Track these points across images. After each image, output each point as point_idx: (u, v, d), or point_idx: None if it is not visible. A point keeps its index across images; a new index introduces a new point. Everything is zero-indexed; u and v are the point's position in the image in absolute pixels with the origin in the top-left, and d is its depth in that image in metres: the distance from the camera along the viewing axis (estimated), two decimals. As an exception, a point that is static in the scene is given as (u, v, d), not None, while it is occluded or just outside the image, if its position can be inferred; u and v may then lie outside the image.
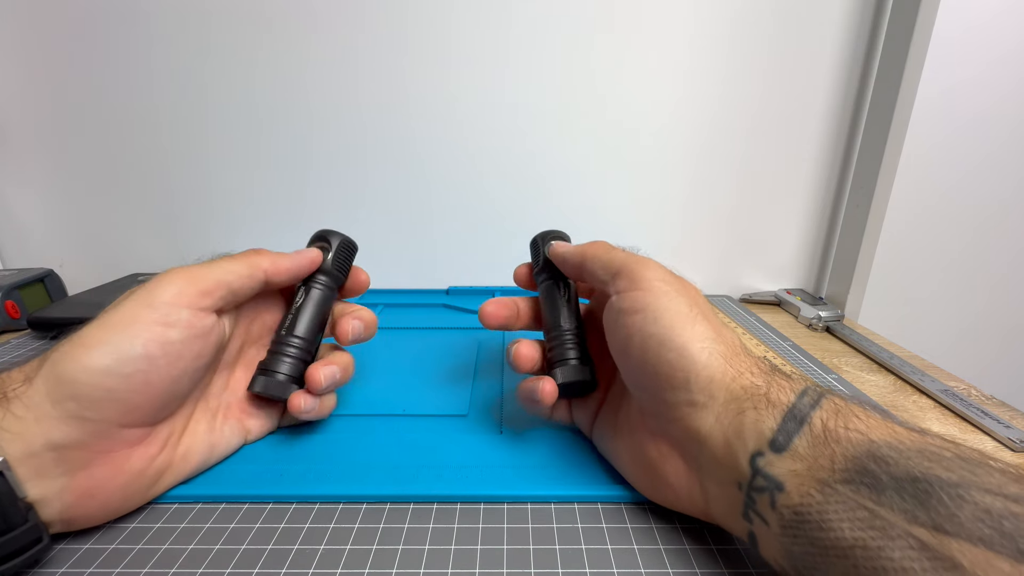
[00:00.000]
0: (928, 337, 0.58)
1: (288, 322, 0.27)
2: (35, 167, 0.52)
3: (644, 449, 0.23)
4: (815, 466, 0.17)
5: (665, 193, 0.54)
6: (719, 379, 0.20)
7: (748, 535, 0.19)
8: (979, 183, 0.53)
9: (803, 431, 0.18)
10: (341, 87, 0.50)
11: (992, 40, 0.48)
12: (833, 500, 0.16)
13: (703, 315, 0.22)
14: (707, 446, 0.20)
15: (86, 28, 0.48)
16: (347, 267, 0.30)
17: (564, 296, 0.29)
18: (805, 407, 0.18)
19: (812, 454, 0.17)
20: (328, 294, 0.29)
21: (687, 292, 0.23)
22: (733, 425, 0.19)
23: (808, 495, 0.16)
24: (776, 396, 0.19)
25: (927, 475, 0.15)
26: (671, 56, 0.49)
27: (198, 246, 0.54)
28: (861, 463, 0.16)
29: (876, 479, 0.15)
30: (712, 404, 0.20)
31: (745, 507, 0.19)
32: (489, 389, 0.34)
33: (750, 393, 0.20)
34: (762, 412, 0.19)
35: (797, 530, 0.16)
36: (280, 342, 0.27)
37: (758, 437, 0.18)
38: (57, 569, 0.20)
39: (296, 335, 0.27)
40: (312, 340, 0.28)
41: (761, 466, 0.18)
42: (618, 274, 0.24)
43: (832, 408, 0.18)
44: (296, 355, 0.27)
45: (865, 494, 0.15)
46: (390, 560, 0.21)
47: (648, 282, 0.23)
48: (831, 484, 0.16)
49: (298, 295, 0.28)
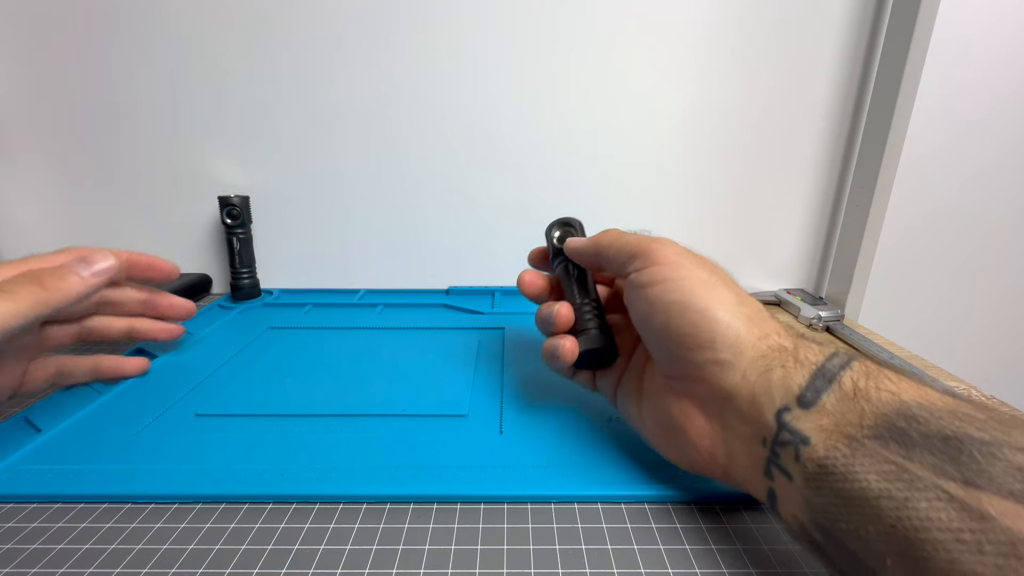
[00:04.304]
0: (928, 337, 0.58)
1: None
2: (35, 167, 0.52)
3: (668, 411, 0.23)
4: (843, 422, 0.17)
5: (665, 193, 0.54)
6: (745, 337, 0.21)
7: (767, 493, 0.19)
8: (979, 183, 0.53)
9: (832, 388, 0.18)
10: (341, 87, 0.50)
11: (992, 41, 0.48)
12: (860, 453, 0.16)
13: (723, 282, 0.23)
14: (733, 403, 0.20)
15: (86, 28, 0.48)
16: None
17: (575, 274, 0.30)
18: (835, 367, 0.19)
19: (840, 410, 0.17)
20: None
21: (704, 264, 0.24)
22: (760, 382, 0.20)
23: (835, 448, 0.17)
24: (804, 356, 0.19)
25: (958, 433, 0.15)
26: (672, 58, 0.49)
27: (199, 246, 0.55)
28: (891, 420, 0.16)
29: (906, 436, 0.16)
30: (739, 361, 0.20)
31: (768, 463, 0.19)
32: (489, 389, 0.34)
33: (777, 352, 0.20)
34: (790, 370, 0.19)
35: (821, 482, 0.17)
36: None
37: (785, 393, 0.19)
38: (56, 569, 0.20)
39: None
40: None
41: (787, 420, 0.18)
42: (634, 255, 0.25)
43: (863, 370, 0.18)
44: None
45: (894, 449, 0.16)
46: (390, 560, 0.21)
47: (665, 256, 0.23)
48: (859, 439, 0.16)
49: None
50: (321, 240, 0.54)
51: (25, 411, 0.31)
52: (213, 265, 0.55)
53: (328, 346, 0.41)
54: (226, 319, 0.47)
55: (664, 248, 0.24)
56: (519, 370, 0.37)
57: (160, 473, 0.25)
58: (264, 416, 0.31)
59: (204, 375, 0.36)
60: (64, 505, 0.24)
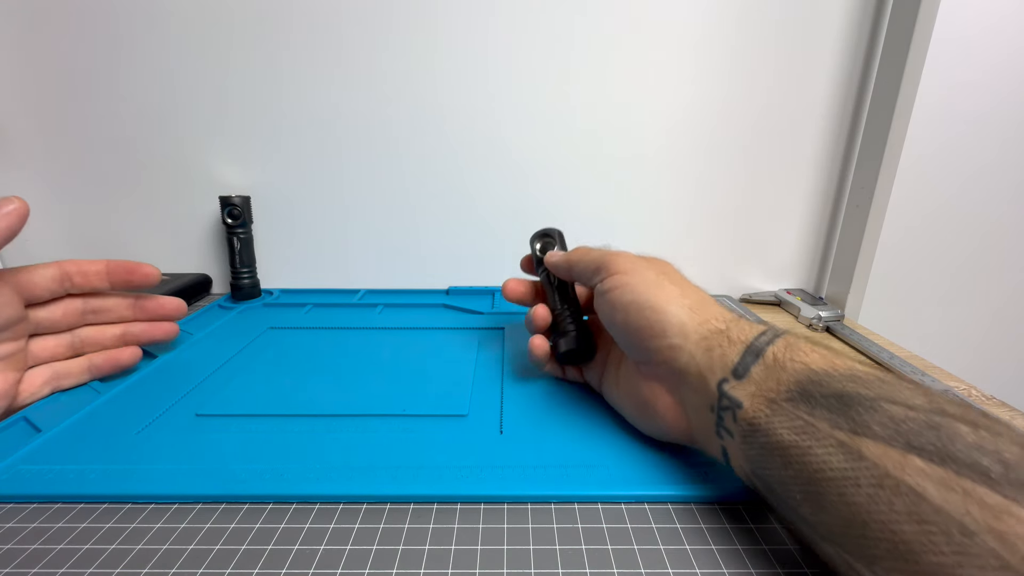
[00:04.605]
0: (928, 337, 0.58)
1: None
2: (35, 167, 0.52)
3: (640, 392, 0.27)
4: (765, 388, 0.21)
5: (665, 193, 0.54)
6: (688, 323, 0.25)
7: (721, 451, 0.23)
8: (980, 183, 0.53)
9: (759, 362, 0.22)
10: (341, 87, 0.50)
11: (992, 42, 0.48)
12: (777, 413, 0.20)
13: (668, 279, 0.27)
14: (686, 378, 0.24)
15: (86, 28, 0.48)
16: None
17: (555, 281, 0.35)
18: (762, 343, 0.22)
19: (764, 378, 0.21)
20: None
21: (654, 266, 0.28)
22: (704, 359, 0.24)
23: (759, 409, 0.20)
24: (737, 336, 0.23)
25: (850, 392, 0.19)
26: (672, 58, 0.49)
27: (199, 246, 0.55)
28: (801, 384, 0.20)
29: (811, 396, 0.19)
30: (686, 344, 0.24)
31: (716, 425, 0.23)
32: (489, 389, 0.34)
33: (715, 334, 0.24)
34: (726, 348, 0.23)
35: (752, 438, 0.21)
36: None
37: (723, 367, 0.23)
38: (56, 570, 0.20)
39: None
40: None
41: (726, 390, 0.22)
42: (598, 268, 0.30)
43: (784, 344, 0.22)
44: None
45: (802, 408, 0.19)
46: (390, 560, 0.21)
47: (621, 265, 0.28)
48: (777, 401, 0.20)
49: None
50: (321, 240, 0.54)
51: (25, 411, 0.31)
52: (213, 265, 0.55)
53: (328, 346, 0.41)
54: (226, 319, 0.47)
55: (619, 258, 0.29)
56: (519, 370, 0.37)
57: (160, 473, 0.25)
58: (264, 416, 0.31)
59: (204, 375, 0.36)
60: (64, 505, 0.24)
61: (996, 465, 0.15)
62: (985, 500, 0.14)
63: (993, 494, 0.14)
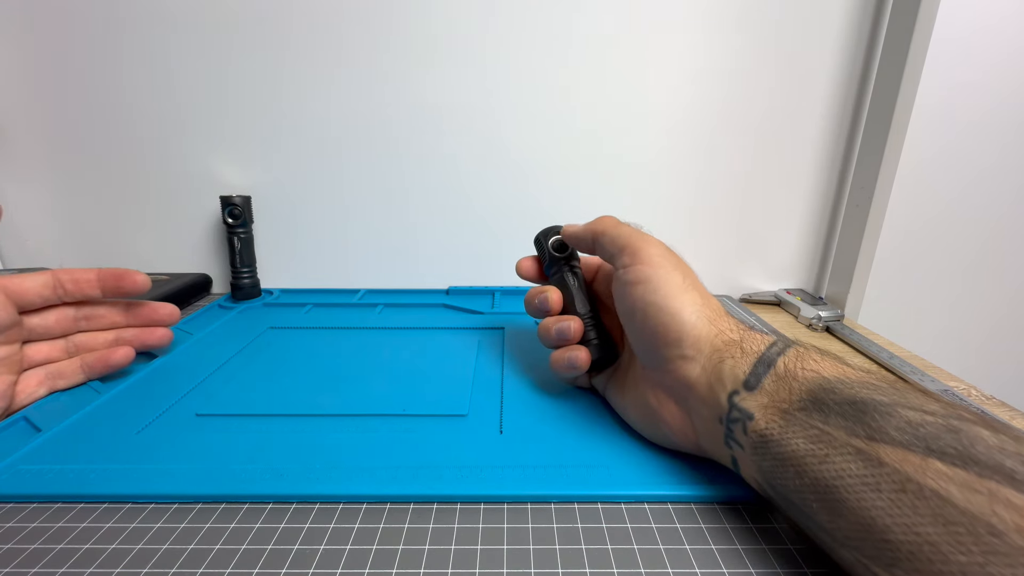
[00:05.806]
0: (928, 337, 0.58)
1: None
2: (35, 167, 0.52)
3: (646, 399, 0.27)
4: (777, 399, 0.21)
5: (665, 193, 0.54)
6: (705, 336, 0.24)
7: (731, 460, 0.23)
8: (980, 183, 0.53)
9: (770, 373, 0.22)
10: (341, 87, 0.50)
11: (993, 43, 0.48)
12: (791, 423, 0.20)
13: (693, 286, 0.26)
14: (695, 391, 0.24)
15: (86, 28, 0.48)
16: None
17: (575, 284, 0.33)
18: (773, 354, 0.22)
19: (776, 389, 0.21)
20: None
21: (680, 267, 0.27)
22: (715, 372, 0.23)
23: (772, 420, 0.20)
24: (749, 347, 0.23)
25: (864, 398, 0.19)
26: (673, 58, 0.49)
27: (199, 245, 0.55)
28: (814, 393, 0.20)
29: (824, 405, 0.19)
30: (699, 357, 0.24)
31: (725, 436, 0.22)
32: (489, 389, 0.34)
33: (728, 345, 0.24)
34: (738, 360, 0.23)
35: (763, 449, 0.20)
36: None
37: (734, 380, 0.22)
38: (56, 569, 0.20)
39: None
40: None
41: (736, 402, 0.22)
42: (623, 249, 0.28)
43: (795, 354, 0.22)
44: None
45: (816, 417, 0.19)
46: (390, 560, 0.21)
47: (649, 257, 0.27)
48: (790, 412, 0.20)
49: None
50: (321, 240, 0.54)
51: (25, 411, 0.31)
52: (213, 265, 0.55)
53: (328, 346, 0.41)
54: (226, 319, 0.47)
55: (650, 248, 0.27)
56: (519, 370, 0.37)
57: (160, 473, 0.25)
58: (264, 416, 0.31)
59: (204, 375, 0.36)
60: (64, 505, 0.24)
61: (1020, 467, 0.15)
62: (1012, 501, 0.14)
63: (1019, 495, 0.14)
